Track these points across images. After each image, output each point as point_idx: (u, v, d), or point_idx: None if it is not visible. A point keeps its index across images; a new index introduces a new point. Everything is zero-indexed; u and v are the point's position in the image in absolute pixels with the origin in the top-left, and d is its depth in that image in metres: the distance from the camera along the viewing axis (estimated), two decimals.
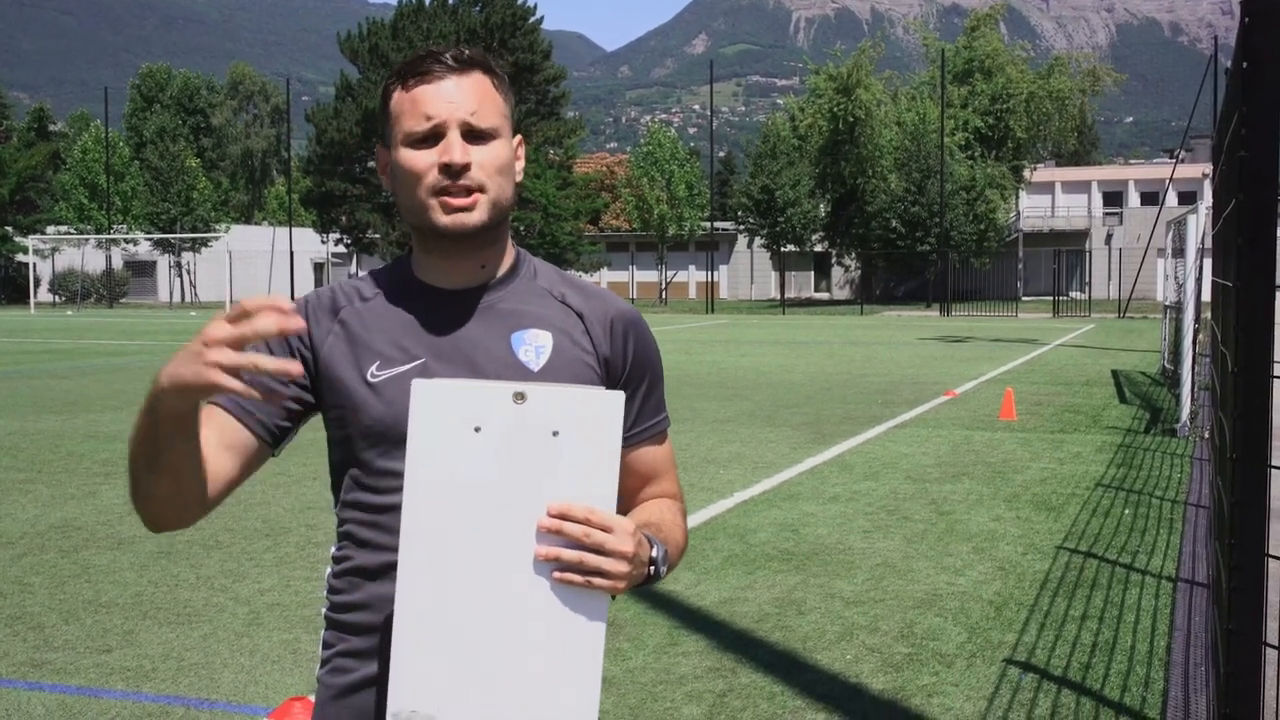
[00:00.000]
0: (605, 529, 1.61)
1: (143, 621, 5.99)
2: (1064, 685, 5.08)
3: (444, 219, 1.84)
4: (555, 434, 1.61)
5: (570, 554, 1.60)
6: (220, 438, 1.84)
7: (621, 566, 1.62)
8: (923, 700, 4.91)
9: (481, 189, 1.84)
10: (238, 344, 1.54)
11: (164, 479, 1.72)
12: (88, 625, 5.92)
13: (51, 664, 5.34)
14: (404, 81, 1.86)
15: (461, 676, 1.62)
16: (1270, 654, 3.22)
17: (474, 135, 1.84)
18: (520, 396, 1.61)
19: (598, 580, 1.62)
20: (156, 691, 5.00)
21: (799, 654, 5.48)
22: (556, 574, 1.61)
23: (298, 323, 1.55)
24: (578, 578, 1.61)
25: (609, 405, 1.63)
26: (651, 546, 1.74)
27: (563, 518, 1.60)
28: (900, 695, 4.97)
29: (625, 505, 2.02)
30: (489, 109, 1.86)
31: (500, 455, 1.61)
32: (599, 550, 1.61)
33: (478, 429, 1.61)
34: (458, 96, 1.83)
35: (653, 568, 1.73)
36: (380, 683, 1.82)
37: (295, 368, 1.56)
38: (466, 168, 1.82)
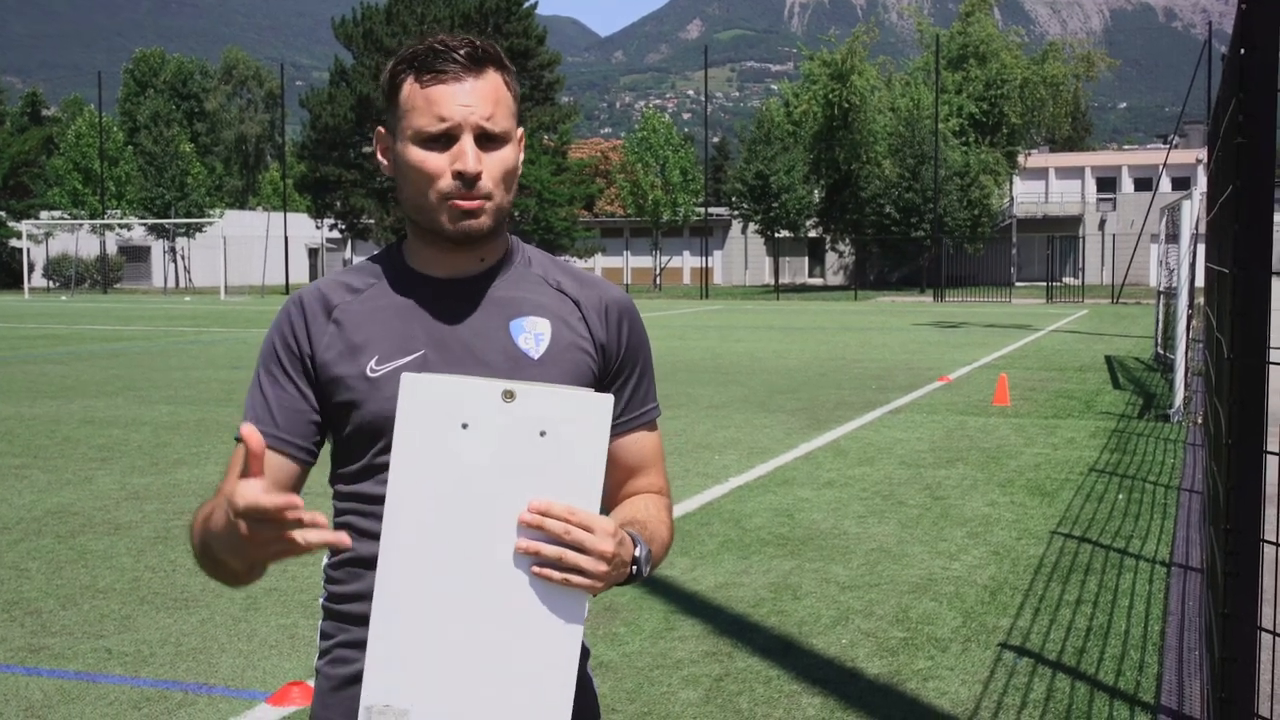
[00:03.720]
0: (586, 528, 1.60)
1: (140, 606, 6.00)
2: (1059, 669, 5.11)
3: (451, 226, 1.83)
4: (543, 434, 1.60)
5: (550, 549, 1.59)
6: (270, 478, 1.86)
7: (600, 566, 1.61)
8: (918, 684, 4.94)
9: (489, 197, 1.83)
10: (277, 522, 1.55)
11: (241, 562, 1.73)
12: (85, 610, 5.93)
13: (49, 649, 5.35)
14: (419, 75, 1.83)
15: (436, 673, 1.61)
16: (1265, 639, 3.24)
17: (486, 139, 1.82)
18: (509, 395, 1.60)
19: (575, 578, 1.61)
20: (154, 676, 5.02)
21: (795, 638, 5.50)
22: (535, 569, 1.60)
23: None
24: (556, 574, 1.60)
25: (598, 408, 1.61)
26: (636, 546, 1.73)
27: (544, 515, 1.60)
28: (896, 679, 4.99)
29: (610, 500, 2.01)
30: (502, 111, 1.84)
31: (486, 453, 1.60)
32: (579, 548, 1.60)
33: (465, 425, 1.60)
34: (473, 99, 1.81)
35: (634, 568, 1.72)
36: None
37: (344, 539, 1.59)
38: (479, 176, 1.81)
